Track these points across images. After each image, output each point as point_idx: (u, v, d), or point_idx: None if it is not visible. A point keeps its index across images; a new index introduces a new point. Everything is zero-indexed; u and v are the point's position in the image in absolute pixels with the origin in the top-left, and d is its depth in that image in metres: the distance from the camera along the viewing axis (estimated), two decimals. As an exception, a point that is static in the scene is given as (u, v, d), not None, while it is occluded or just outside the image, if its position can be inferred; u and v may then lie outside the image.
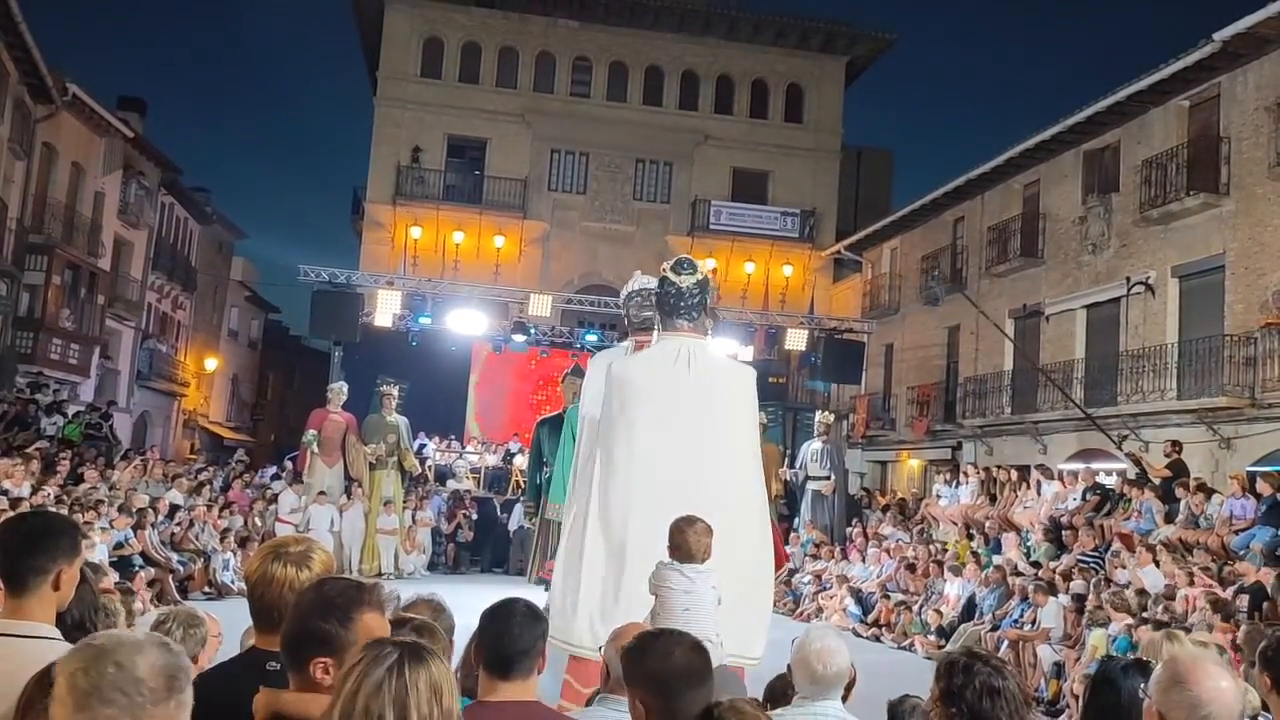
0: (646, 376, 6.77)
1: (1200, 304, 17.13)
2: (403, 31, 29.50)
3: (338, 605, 2.22)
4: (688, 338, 6.84)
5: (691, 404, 6.59)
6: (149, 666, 1.73)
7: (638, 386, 6.69)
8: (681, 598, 4.55)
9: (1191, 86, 17.29)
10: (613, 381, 6.79)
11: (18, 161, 21.07)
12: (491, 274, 26.67)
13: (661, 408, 6.57)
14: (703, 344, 6.97)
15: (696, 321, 6.95)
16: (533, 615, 2.92)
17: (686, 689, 2.61)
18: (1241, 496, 12.21)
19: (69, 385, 23.09)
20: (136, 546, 13.13)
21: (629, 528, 6.30)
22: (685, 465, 6.44)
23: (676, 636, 2.80)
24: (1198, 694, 2.30)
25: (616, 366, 7.05)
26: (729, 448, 6.67)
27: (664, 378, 6.67)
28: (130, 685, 1.70)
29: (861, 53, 31.50)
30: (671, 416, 6.54)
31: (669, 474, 6.38)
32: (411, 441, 18.71)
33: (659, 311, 7.06)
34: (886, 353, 27.57)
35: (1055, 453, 19.50)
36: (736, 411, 6.83)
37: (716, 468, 6.54)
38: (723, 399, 6.72)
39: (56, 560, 2.55)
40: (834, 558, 16.70)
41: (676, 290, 6.84)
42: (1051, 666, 10.79)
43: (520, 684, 2.84)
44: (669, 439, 6.49)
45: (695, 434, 6.52)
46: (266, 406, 42.62)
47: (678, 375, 6.64)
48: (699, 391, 6.63)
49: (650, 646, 2.73)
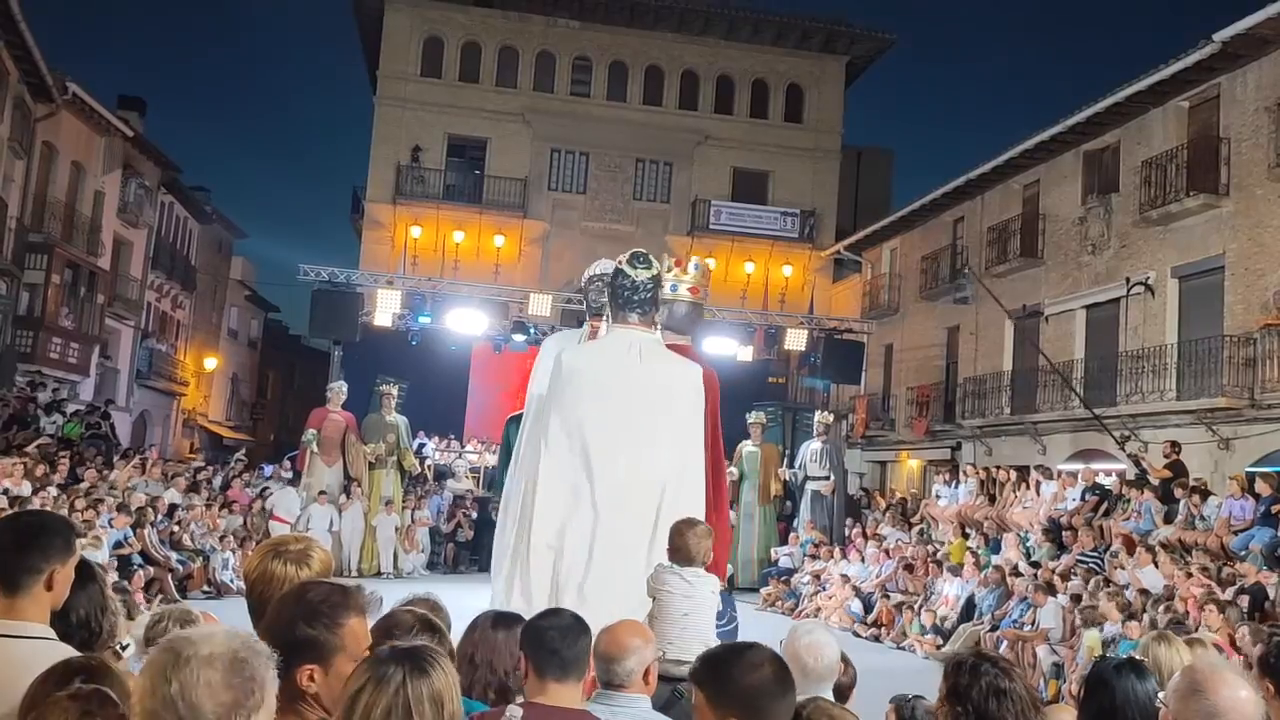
0: (594, 366, 6.76)
1: (1200, 305, 17.13)
2: (403, 31, 29.50)
3: (323, 611, 2.16)
4: (638, 331, 6.84)
5: (636, 397, 6.58)
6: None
7: (584, 375, 6.68)
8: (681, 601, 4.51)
9: (1191, 87, 17.30)
10: (560, 368, 6.77)
11: (17, 160, 21.06)
12: (491, 273, 26.66)
13: (605, 399, 6.56)
14: (653, 338, 6.98)
15: (647, 315, 6.95)
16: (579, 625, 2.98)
17: (775, 701, 2.59)
18: (1241, 497, 12.22)
19: (68, 384, 23.09)
20: (136, 545, 13.12)
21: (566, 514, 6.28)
22: (621, 456, 6.43)
23: (761, 653, 2.71)
24: (1215, 703, 2.30)
25: (566, 354, 7.04)
26: (667, 443, 6.64)
27: (611, 368, 6.66)
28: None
29: (861, 53, 31.51)
30: (615, 408, 6.53)
31: (603, 463, 6.37)
32: (411, 441, 18.71)
33: (611, 303, 7.04)
34: (886, 353, 27.57)
35: (1054, 453, 19.51)
36: (680, 408, 6.80)
37: (653, 462, 6.52)
38: (667, 395, 6.70)
39: (50, 560, 2.53)
40: (833, 558, 16.69)
41: (631, 283, 6.83)
42: (1050, 667, 10.79)
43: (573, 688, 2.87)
44: (609, 429, 6.48)
45: (636, 427, 6.50)
46: (266, 406, 42.62)
47: (627, 367, 6.64)
48: (645, 385, 6.62)
49: (736, 661, 2.64)
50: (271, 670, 1.74)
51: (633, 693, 3.07)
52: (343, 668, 2.15)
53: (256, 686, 1.69)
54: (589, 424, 6.50)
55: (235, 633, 1.79)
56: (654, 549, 6.15)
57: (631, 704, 3.06)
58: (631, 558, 6.08)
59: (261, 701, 1.69)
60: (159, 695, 1.67)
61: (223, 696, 1.65)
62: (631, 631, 3.27)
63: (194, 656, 1.69)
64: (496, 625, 3.38)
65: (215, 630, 1.79)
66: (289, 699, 2.13)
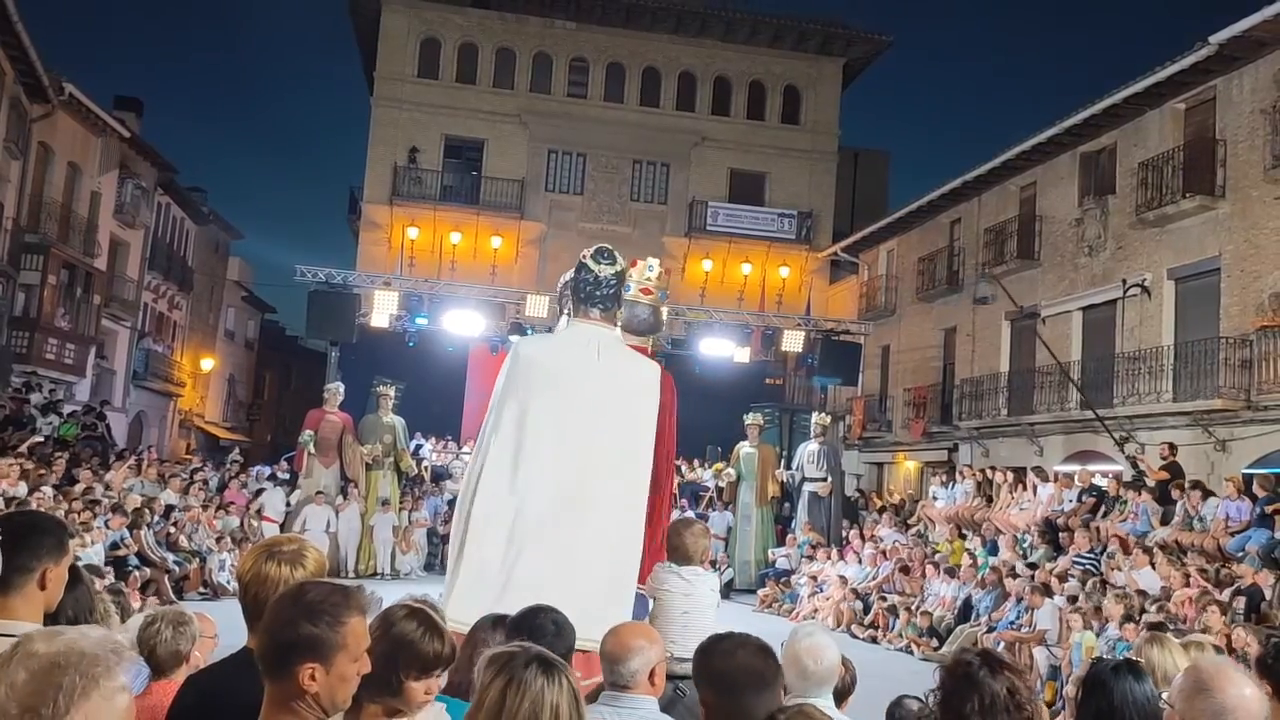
0: (551, 359, 6.74)
1: (1196, 306, 17.15)
2: (400, 32, 29.49)
3: (325, 609, 2.14)
4: (598, 327, 6.82)
5: (589, 391, 6.54)
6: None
7: (541, 368, 6.65)
8: (680, 600, 4.51)
9: (1188, 89, 17.32)
10: (518, 360, 6.75)
11: (13, 161, 21.03)
12: (488, 275, 26.67)
13: (561, 392, 6.53)
14: (613, 335, 6.97)
15: (609, 312, 6.94)
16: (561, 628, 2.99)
17: (748, 690, 2.59)
18: (1237, 499, 12.24)
19: (64, 385, 23.05)
20: (132, 547, 13.10)
21: (515, 506, 6.25)
22: (571, 451, 6.41)
23: (741, 638, 2.75)
24: (1222, 701, 2.29)
25: (523, 345, 7.02)
26: (619, 443, 6.60)
27: (568, 362, 6.64)
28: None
29: (858, 54, 31.54)
30: (569, 402, 6.50)
31: (554, 458, 6.34)
32: (408, 442, 18.69)
33: (572, 297, 7.01)
34: (883, 354, 27.59)
35: (1051, 455, 19.52)
36: (634, 405, 6.75)
37: (604, 458, 6.49)
38: (621, 391, 6.67)
39: (42, 559, 2.53)
40: (830, 559, 16.69)
41: (594, 278, 6.81)
42: (1047, 668, 10.80)
43: None
44: (562, 423, 6.45)
45: (589, 422, 6.47)
46: (263, 407, 42.56)
47: (585, 361, 6.61)
48: (600, 379, 6.59)
49: (715, 647, 2.71)
50: (105, 683, 1.65)
51: (638, 694, 3.06)
52: (343, 667, 2.13)
53: (62, 696, 1.61)
54: (534, 413, 6.46)
55: (95, 637, 1.72)
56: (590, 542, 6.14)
57: (637, 705, 3.04)
58: (557, 546, 6.05)
59: (64, 712, 1.61)
60: None
61: (24, 699, 1.60)
62: (636, 633, 3.26)
63: (20, 654, 1.65)
64: (496, 627, 3.38)
65: (72, 633, 1.72)
66: (287, 698, 2.11)
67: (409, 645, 2.46)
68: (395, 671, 2.42)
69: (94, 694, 1.63)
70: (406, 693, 2.47)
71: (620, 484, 6.47)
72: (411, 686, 2.47)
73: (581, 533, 6.08)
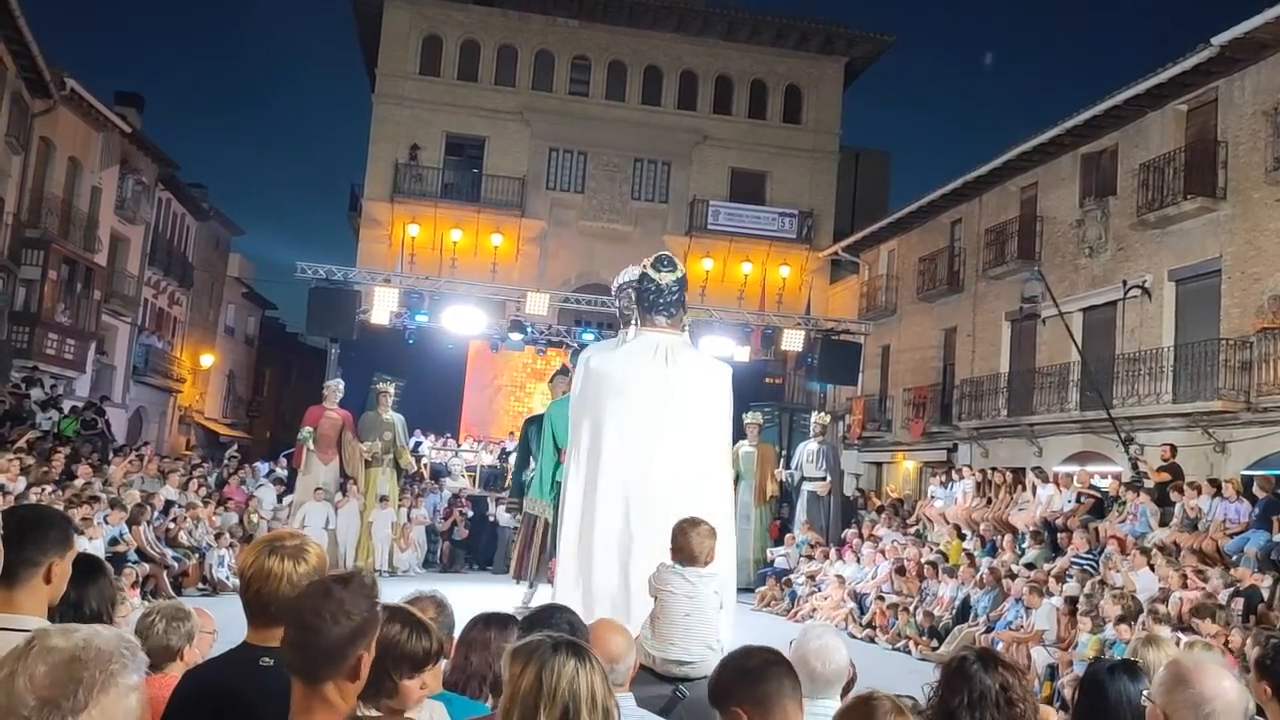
0: (619, 369, 6.80)
1: (1196, 308, 17.16)
2: (402, 29, 29.48)
3: (373, 592, 2.26)
4: (665, 334, 6.90)
5: (664, 400, 6.64)
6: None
7: (613, 380, 6.72)
8: (683, 602, 4.49)
9: (1189, 91, 17.33)
10: (590, 375, 6.82)
11: (15, 156, 21.04)
12: (489, 272, 26.68)
13: (633, 402, 6.61)
14: (681, 340, 7.06)
15: (674, 318, 7.03)
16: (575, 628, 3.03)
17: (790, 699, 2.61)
18: (1236, 500, 12.24)
19: (64, 380, 23.05)
20: (132, 543, 13.09)
21: (597, 519, 6.32)
22: (649, 459, 6.47)
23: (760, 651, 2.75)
24: (1201, 692, 2.33)
25: (594, 359, 7.09)
26: (694, 445, 6.73)
27: (640, 372, 6.71)
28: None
29: (860, 54, 31.54)
30: (643, 411, 6.58)
31: (631, 467, 6.41)
32: (407, 439, 18.68)
33: (637, 307, 7.08)
34: (883, 354, 27.59)
35: (1050, 455, 19.52)
36: (709, 409, 6.90)
37: (682, 463, 6.60)
38: (696, 396, 6.77)
39: (47, 553, 2.54)
40: (829, 559, 16.69)
41: (656, 287, 6.90)
42: (1045, 668, 10.80)
43: None
44: (637, 433, 6.52)
45: (663, 429, 6.56)
46: (262, 403, 42.58)
47: (654, 370, 6.69)
48: (675, 387, 6.68)
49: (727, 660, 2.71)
50: (122, 679, 1.67)
51: (624, 692, 3.09)
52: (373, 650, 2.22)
53: (81, 689, 1.62)
54: (610, 426, 6.56)
55: (109, 635, 1.73)
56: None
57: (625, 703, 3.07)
58: (655, 557, 6.15)
59: (83, 706, 1.62)
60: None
61: (42, 692, 1.61)
62: (617, 630, 3.31)
63: (38, 648, 1.66)
64: (489, 625, 3.41)
65: (87, 630, 1.73)
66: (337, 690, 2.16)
67: (396, 646, 2.51)
68: (388, 674, 2.46)
69: (111, 689, 1.65)
70: (402, 691, 2.52)
71: (703, 485, 6.63)
72: (406, 685, 2.53)
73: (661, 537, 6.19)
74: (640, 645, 4.43)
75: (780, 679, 2.60)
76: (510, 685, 2.12)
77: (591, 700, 2.06)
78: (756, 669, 2.63)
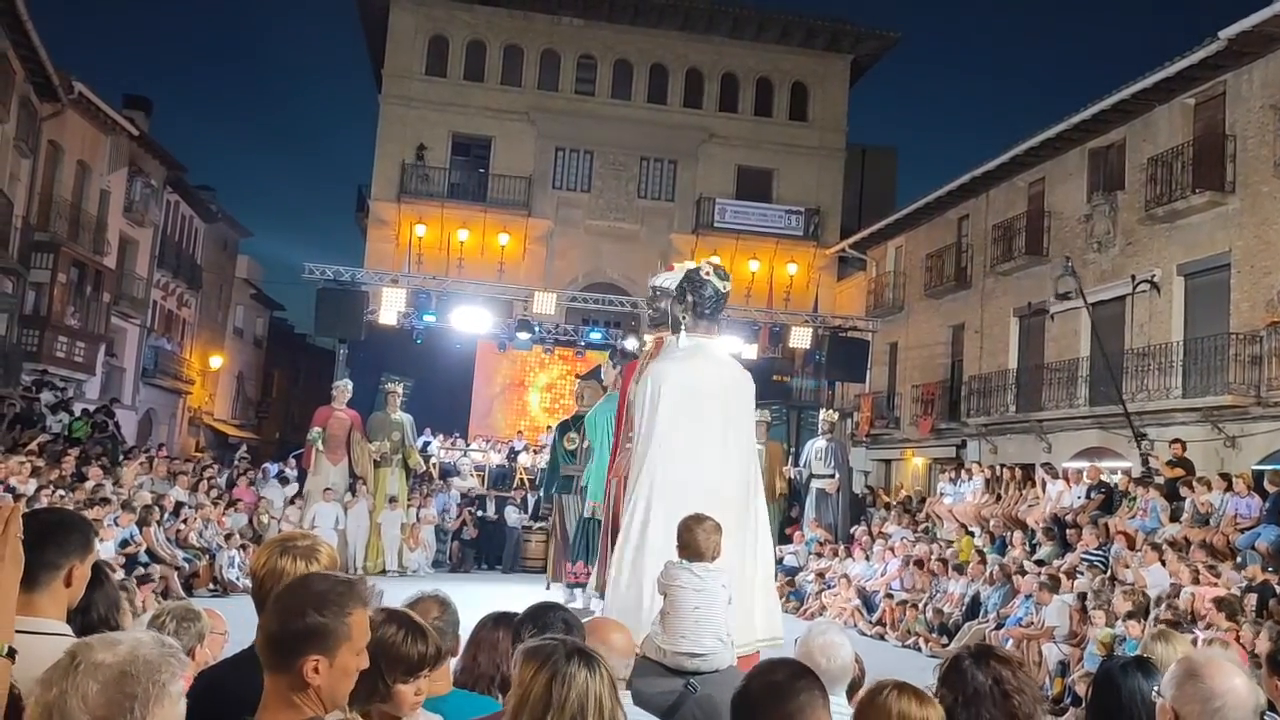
0: (682, 375, 7.04)
1: (1205, 302, 17.10)
2: (408, 29, 29.52)
3: (331, 600, 2.13)
4: (709, 339, 7.15)
5: (726, 405, 6.95)
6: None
7: (674, 385, 6.93)
8: (692, 596, 4.51)
9: (1197, 84, 17.26)
10: (648, 381, 7.03)
11: (24, 159, 21.12)
12: (496, 272, 26.71)
13: (702, 408, 6.86)
14: (718, 344, 7.31)
15: (715, 325, 7.32)
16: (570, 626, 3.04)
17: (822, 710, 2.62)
18: (1246, 495, 12.20)
19: (74, 383, 23.15)
20: (143, 544, 13.15)
21: (653, 521, 6.45)
22: (722, 462, 6.82)
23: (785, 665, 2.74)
24: (1211, 687, 2.34)
25: (656, 364, 7.32)
26: (748, 449, 7.12)
27: (700, 377, 6.98)
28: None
29: (866, 51, 31.48)
30: (711, 417, 6.89)
31: (704, 470, 6.64)
32: (416, 439, 18.73)
33: (690, 312, 7.21)
34: (891, 351, 27.55)
35: (1060, 451, 19.48)
36: (745, 411, 7.20)
37: (737, 463, 6.91)
38: (735, 399, 7.00)
39: (69, 556, 2.54)
40: (838, 556, 16.68)
41: (716, 294, 7.12)
42: (1056, 664, 10.79)
43: None
44: (706, 439, 6.80)
45: (726, 434, 6.90)
46: (271, 404, 42.71)
47: (711, 376, 6.96)
48: (719, 390, 6.92)
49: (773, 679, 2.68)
50: (172, 688, 1.66)
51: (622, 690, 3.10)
52: (346, 660, 2.12)
53: (137, 705, 1.61)
54: (681, 433, 6.84)
55: (151, 643, 1.72)
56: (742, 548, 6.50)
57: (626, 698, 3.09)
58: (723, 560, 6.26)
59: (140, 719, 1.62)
60: (41, 701, 1.62)
61: (98, 712, 1.59)
62: (615, 627, 3.35)
63: (84, 664, 1.63)
64: (497, 624, 3.43)
65: (128, 640, 1.71)
66: (289, 690, 2.09)
67: (391, 649, 2.50)
68: (381, 676, 2.44)
69: (165, 700, 1.65)
70: (396, 696, 2.51)
71: (749, 489, 6.98)
72: (400, 689, 2.51)
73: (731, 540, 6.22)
74: (651, 641, 4.44)
75: (810, 690, 2.60)
76: (520, 687, 2.12)
77: (599, 710, 2.09)
78: (784, 684, 2.61)
